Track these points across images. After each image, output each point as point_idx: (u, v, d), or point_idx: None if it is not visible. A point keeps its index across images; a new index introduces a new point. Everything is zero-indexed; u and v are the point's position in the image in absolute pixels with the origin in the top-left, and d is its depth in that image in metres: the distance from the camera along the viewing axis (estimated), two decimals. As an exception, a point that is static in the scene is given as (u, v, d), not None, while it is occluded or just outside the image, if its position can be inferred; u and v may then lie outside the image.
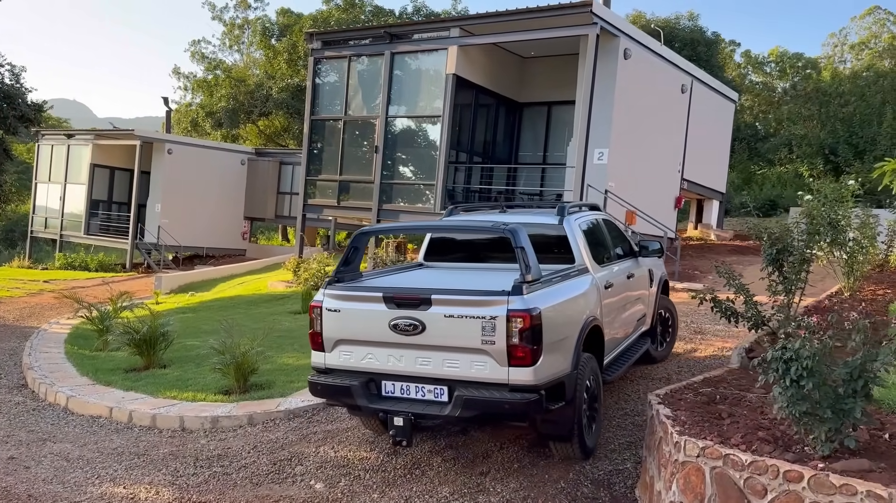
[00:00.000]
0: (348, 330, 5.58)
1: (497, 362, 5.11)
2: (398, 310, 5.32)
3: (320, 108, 18.93)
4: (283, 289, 18.15)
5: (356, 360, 5.56)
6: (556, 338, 5.32)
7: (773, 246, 7.19)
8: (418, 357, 5.35)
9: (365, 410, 5.65)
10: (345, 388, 5.52)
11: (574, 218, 6.92)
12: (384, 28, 17.18)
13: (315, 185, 18.95)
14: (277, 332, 11.59)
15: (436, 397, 5.35)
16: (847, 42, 45.28)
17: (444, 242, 7.49)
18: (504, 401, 5.10)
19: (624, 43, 15.43)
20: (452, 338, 5.21)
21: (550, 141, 18.79)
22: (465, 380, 5.23)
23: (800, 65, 41.47)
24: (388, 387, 5.50)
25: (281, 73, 37.23)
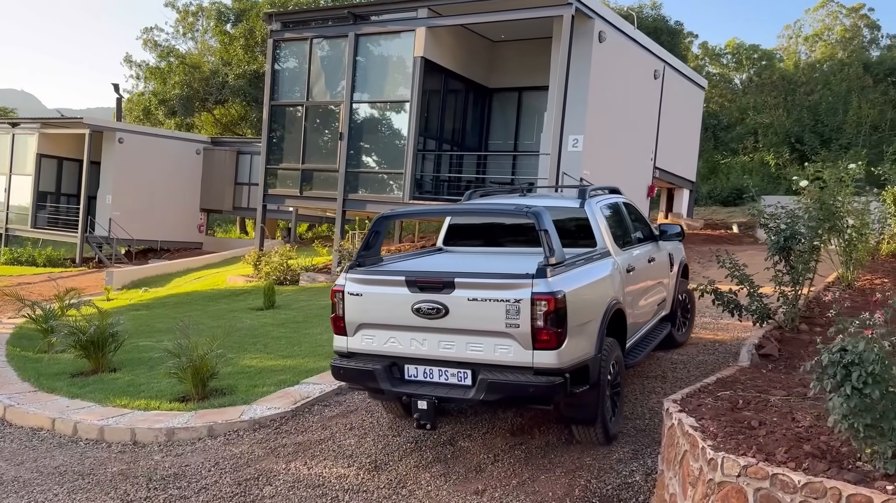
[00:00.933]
0: (371, 314, 5.54)
1: (521, 345, 5.06)
2: (421, 294, 5.27)
3: (280, 93, 18.03)
4: (243, 283, 17.27)
5: (379, 344, 5.52)
6: (581, 321, 5.26)
7: (779, 233, 6.69)
8: (441, 340, 5.30)
9: (388, 394, 5.61)
10: (368, 372, 5.49)
11: (595, 201, 6.80)
12: (348, 8, 16.35)
13: (276, 174, 18.06)
14: (238, 331, 10.77)
15: (459, 381, 5.31)
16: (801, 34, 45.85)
17: (463, 227, 7.37)
18: (529, 385, 5.05)
19: (598, 25, 14.87)
20: (476, 321, 5.15)
21: (521, 128, 18.19)
22: (489, 363, 5.18)
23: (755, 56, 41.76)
24: (410, 371, 5.45)
25: (237, 60, 35.98)
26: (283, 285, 16.16)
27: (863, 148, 24.73)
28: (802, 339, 6.55)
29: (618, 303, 5.97)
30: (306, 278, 16.38)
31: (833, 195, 7.22)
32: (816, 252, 6.78)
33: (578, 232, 6.52)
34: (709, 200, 27.08)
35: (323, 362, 8.64)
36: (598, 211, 6.68)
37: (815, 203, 6.96)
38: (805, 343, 6.49)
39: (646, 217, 8.41)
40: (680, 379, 7.45)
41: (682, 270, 8.55)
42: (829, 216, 6.95)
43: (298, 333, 10.60)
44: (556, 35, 14.89)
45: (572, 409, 5.56)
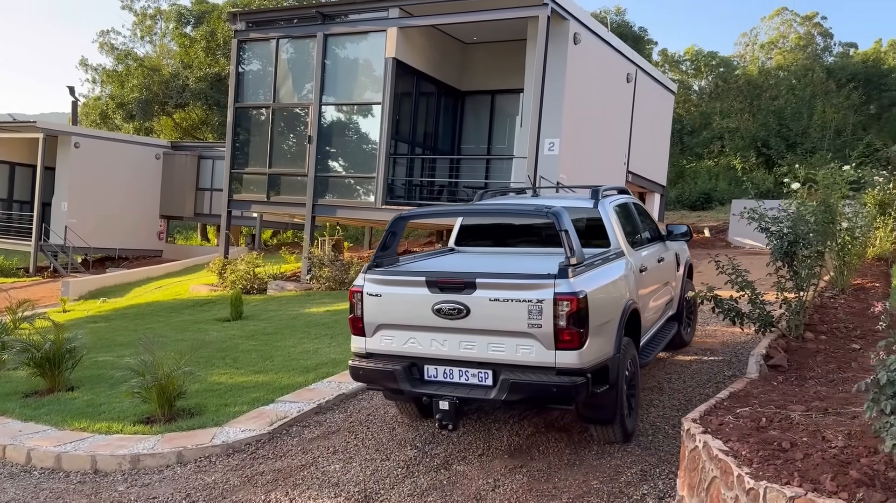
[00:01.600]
0: (390, 314, 5.51)
1: (544, 345, 5.05)
2: (442, 295, 5.26)
3: (246, 94, 17.41)
4: (207, 293, 16.59)
5: (398, 345, 5.50)
6: (601, 321, 5.26)
7: (783, 238, 6.40)
8: (462, 341, 5.28)
9: (408, 395, 5.59)
10: (388, 373, 5.45)
11: (608, 201, 6.79)
12: (316, 8, 15.83)
13: (241, 179, 17.42)
14: (205, 344, 10.21)
15: (480, 381, 5.28)
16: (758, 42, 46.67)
17: (474, 227, 7.33)
18: (552, 385, 5.04)
19: (573, 27, 14.60)
20: (498, 321, 5.14)
21: (494, 131, 17.85)
22: (511, 363, 5.17)
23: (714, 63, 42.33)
24: (430, 372, 5.44)
25: (198, 62, 35.09)
26: (249, 294, 15.54)
27: (828, 152, 24.93)
28: (809, 349, 6.27)
29: (634, 302, 5.97)
30: (274, 287, 15.79)
31: (836, 198, 6.97)
32: (821, 257, 6.52)
33: (592, 232, 6.46)
34: (677, 205, 27.08)
35: (298, 377, 8.14)
36: (611, 211, 6.64)
37: (819, 206, 6.68)
38: (812, 352, 6.20)
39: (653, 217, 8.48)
40: (678, 390, 7.13)
41: (687, 270, 8.60)
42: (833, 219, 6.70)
43: (270, 346, 10.05)
44: (531, 36, 14.59)
45: (592, 410, 5.53)
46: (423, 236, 22.58)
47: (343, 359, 8.80)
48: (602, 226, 6.48)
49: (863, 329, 6.90)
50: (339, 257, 15.79)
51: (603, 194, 6.78)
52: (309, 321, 11.65)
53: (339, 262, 15.27)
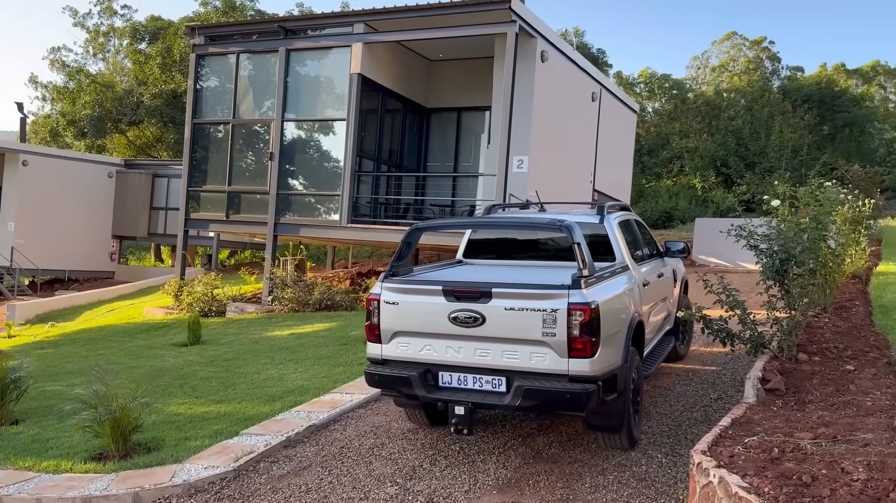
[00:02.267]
0: (406, 322, 5.69)
1: (557, 353, 5.21)
2: (458, 303, 5.43)
3: (204, 110, 16.86)
4: (163, 316, 15.89)
5: (414, 351, 5.67)
6: (611, 331, 5.41)
7: (774, 256, 6.19)
8: (477, 348, 5.45)
9: (423, 400, 5.75)
10: (404, 379, 5.60)
11: (613, 217, 6.98)
12: (278, 22, 15.42)
13: (198, 197, 16.80)
14: (162, 372, 9.63)
15: (493, 388, 5.43)
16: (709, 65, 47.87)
17: (481, 241, 7.53)
18: (565, 391, 5.18)
19: (541, 45, 14.48)
20: (512, 330, 5.31)
21: (461, 149, 17.61)
22: (524, 370, 5.32)
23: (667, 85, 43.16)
24: (444, 378, 5.58)
25: (154, 79, 34.21)
26: (207, 317, 14.90)
27: (786, 171, 25.31)
28: (804, 371, 6.05)
29: (639, 315, 6.16)
30: (234, 309, 15.19)
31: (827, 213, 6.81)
32: (814, 275, 6.34)
33: (598, 246, 6.50)
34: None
35: (264, 407, 7.65)
36: (615, 226, 6.83)
37: (812, 223, 6.50)
38: (808, 375, 5.98)
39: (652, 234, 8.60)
40: (665, 415, 6.85)
41: (683, 286, 8.84)
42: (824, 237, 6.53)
43: (231, 373, 9.51)
44: (499, 53, 14.41)
45: (599, 418, 5.65)
46: (387, 255, 22.15)
47: (311, 385, 8.35)
48: (607, 241, 6.64)
49: (853, 349, 6.73)
50: (303, 277, 15.28)
51: (608, 210, 6.96)
52: (272, 345, 11.14)
53: (302, 283, 14.75)
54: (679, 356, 8.59)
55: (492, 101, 15.27)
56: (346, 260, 22.67)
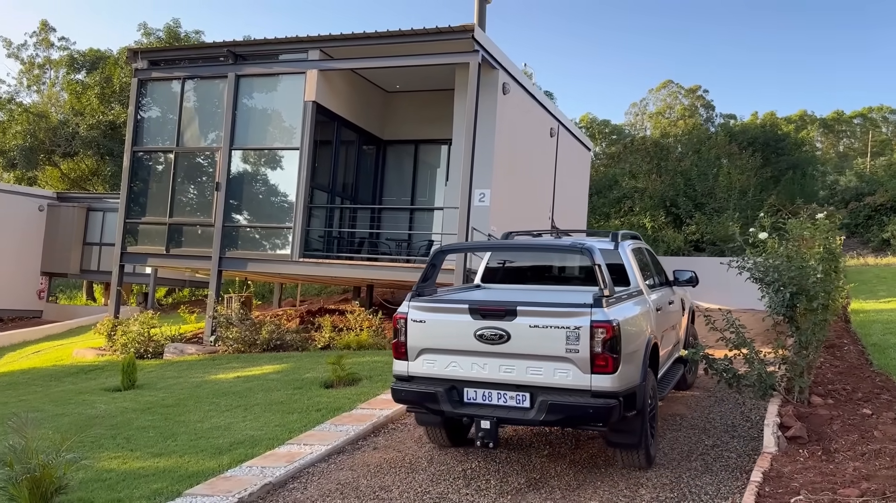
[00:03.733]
0: (433, 339, 5.90)
1: (580, 369, 5.40)
2: (484, 321, 5.65)
3: (146, 138, 15.86)
4: (94, 358, 14.64)
5: (440, 368, 5.87)
6: (630, 349, 5.60)
7: (782, 290, 5.69)
8: (502, 365, 5.65)
9: (449, 415, 5.94)
10: (431, 395, 5.82)
11: (626, 244, 7.18)
12: (227, 46, 14.66)
13: (136, 230, 15.70)
14: (92, 421, 8.58)
15: (517, 403, 5.63)
16: (646, 111, 49.20)
17: (496, 268, 7.81)
18: (588, 406, 5.37)
19: (502, 77, 14.10)
20: (537, 347, 5.52)
21: (418, 182, 17.02)
22: (548, 386, 5.53)
23: (607, 130, 44.01)
24: (469, 394, 5.79)
25: (91, 110, 32.79)
26: (144, 359, 13.76)
27: (735, 211, 25.55)
28: (821, 415, 5.54)
29: (655, 337, 6.33)
30: (172, 350, 14.07)
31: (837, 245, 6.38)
32: (826, 310, 5.86)
33: (612, 272, 6.46)
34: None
35: (209, 461, 6.73)
36: (629, 253, 7.04)
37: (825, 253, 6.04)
38: (826, 420, 5.47)
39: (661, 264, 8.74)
40: (662, 464, 6.24)
41: (690, 316, 9.00)
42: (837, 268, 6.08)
43: (170, 421, 8.51)
44: (460, 85, 13.96)
45: (620, 435, 5.79)
46: (338, 293, 21.25)
47: (263, 436, 7.45)
48: (622, 267, 6.79)
49: (863, 391, 6.28)
50: (249, 316, 14.30)
51: (622, 237, 7.16)
52: (216, 390, 10.14)
53: (248, 321, 13.77)
54: (687, 384, 8.75)
55: (451, 133, 14.80)
56: (293, 297, 21.65)
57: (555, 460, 6.52)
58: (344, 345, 12.72)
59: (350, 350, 12.36)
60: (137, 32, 35.37)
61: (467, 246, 8.94)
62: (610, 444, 6.00)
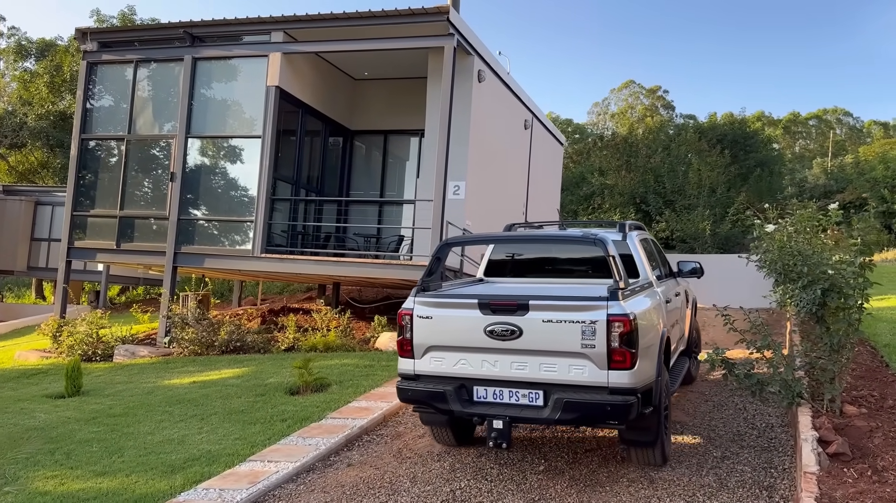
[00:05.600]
0: (441, 336, 5.65)
1: (597, 365, 5.18)
2: (494, 316, 5.40)
3: (95, 125, 14.80)
4: (37, 361, 13.58)
5: (448, 366, 5.62)
6: (647, 344, 5.39)
7: (811, 286, 5.10)
8: (514, 362, 5.41)
9: (458, 415, 5.68)
10: (439, 394, 5.56)
11: (634, 234, 7.01)
12: (184, 27, 13.68)
13: (85, 224, 14.64)
14: (29, 433, 7.67)
15: (530, 401, 5.40)
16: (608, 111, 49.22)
17: (501, 261, 7.53)
18: (606, 404, 5.13)
19: (478, 64, 13.42)
20: (551, 342, 5.28)
21: (387, 174, 16.25)
22: (562, 383, 5.28)
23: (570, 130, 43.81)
24: (479, 393, 5.54)
25: (40, 99, 31.28)
26: (91, 362, 12.78)
27: (705, 208, 25.28)
28: (859, 427, 4.96)
29: (667, 331, 6.15)
30: (123, 352, 13.08)
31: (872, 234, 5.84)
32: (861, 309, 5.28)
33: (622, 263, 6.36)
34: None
35: (160, 482, 5.91)
36: (638, 244, 6.85)
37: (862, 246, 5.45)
38: (865, 433, 4.89)
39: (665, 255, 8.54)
40: (672, 481, 5.60)
41: (693, 308, 8.78)
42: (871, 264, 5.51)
43: (118, 433, 7.64)
44: (434, 70, 13.24)
45: (636, 432, 5.58)
46: (301, 291, 20.34)
47: (221, 451, 6.64)
48: (631, 258, 6.54)
49: (893, 398, 5.72)
50: (206, 315, 13.38)
51: (629, 227, 6.99)
52: (170, 397, 9.26)
53: (206, 321, 12.86)
54: (692, 378, 8.61)
55: (422, 124, 14.05)
56: (254, 296, 20.69)
57: (553, 477, 5.85)
58: (310, 346, 11.90)
59: (316, 352, 11.56)
60: (90, 20, 33.75)
61: (474, 238, 8.50)
62: (625, 442, 5.77)
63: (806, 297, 5.22)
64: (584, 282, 6.75)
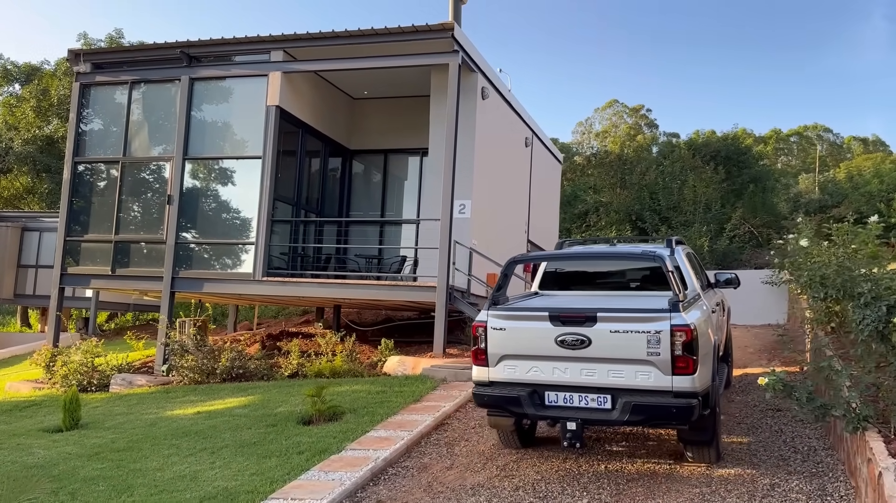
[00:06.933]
0: (514, 346, 6.11)
1: (661, 371, 5.60)
2: (564, 327, 5.86)
3: (89, 147, 14.42)
4: (30, 392, 13.09)
5: (521, 373, 6.07)
6: (705, 351, 5.80)
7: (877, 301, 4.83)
8: (583, 369, 5.85)
9: (531, 418, 6.37)
10: (514, 398, 6.04)
11: (681, 249, 7.55)
12: (181, 47, 13.39)
13: (78, 249, 14.22)
14: (28, 471, 7.23)
15: (599, 405, 5.81)
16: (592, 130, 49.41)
17: (555, 274, 7.88)
18: (672, 406, 5.57)
19: (481, 81, 13.23)
20: (618, 350, 5.70)
21: (388, 194, 15.96)
22: (629, 388, 5.71)
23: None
24: (550, 397, 5.99)
25: (26, 123, 30.82)
26: (87, 392, 12.31)
27: (701, 225, 25.12)
28: (932, 454, 4.65)
29: (718, 339, 6.72)
30: (120, 382, 12.63)
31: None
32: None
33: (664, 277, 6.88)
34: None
35: (177, 523, 5.50)
36: (685, 258, 7.39)
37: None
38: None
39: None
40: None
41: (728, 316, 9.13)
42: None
43: (124, 470, 7.21)
44: (437, 88, 13.05)
45: (695, 432, 6.01)
46: (297, 314, 19.92)
47: (239, 488, 6.24)
48: (680, 272, 6.85)
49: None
50: (206, 342, 12.95)
51: (676, 243, 7.44)
52: (175, 429, 8.84)
53: (206, 348, 12.43)
54: (729, 383, 9.02)
55: (422, 142, 13.90)
56: (249, 321, 20.25)
57: (595, 509, 5.51)
58: (315, 372, 11.50)
59: (324, 378, 11.16)
60: (77, 43, 33.34)
61: (540, 255, 8.92)
62: (685, 442, 6.20)
63: (870, 315, 4.97)
64: (637, 294, 7.17)
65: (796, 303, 13.47)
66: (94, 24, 76.05)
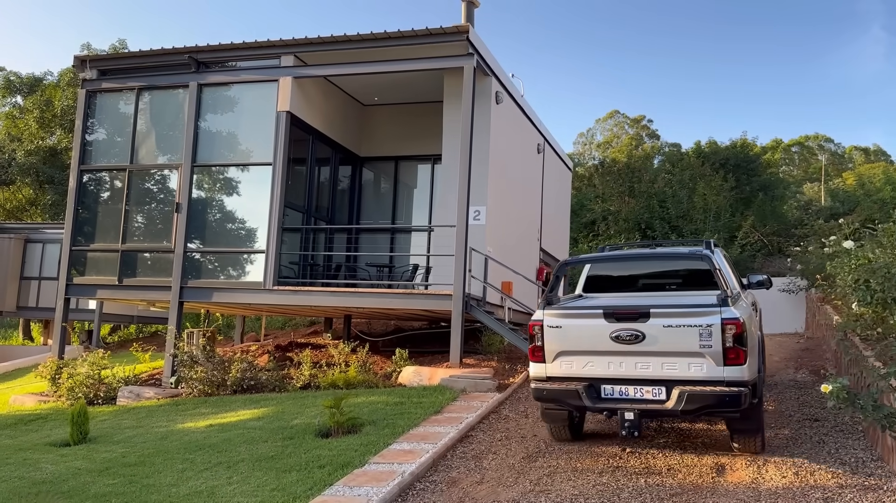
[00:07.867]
0: (570, 342, 6.50)
1: (714, 363, 5.98)
2: (618, 324, 6.23)
3: (96, 155, 14.16)
4: (35, 405, 12.78)
5: (577, 368, 6.45)
6: (752, 344, 6.14)
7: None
8: (638, 362, 6.23)
9: (589, 410, 6.58)
10: (573, 392, 6.40)
11: (719, 250, 7.86)
12: (189, 52, 13.15)
13: (84, 259, 13.93)
14: (37, 487, 6.92)
15: (654, 396, 6.18)
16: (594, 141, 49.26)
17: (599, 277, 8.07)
18: (725, 395, 5.92)
19: (495, 85, 12.99)
20: (671, 344, 6.09)
21: (399, 201, 15.68)
22: (683, 379, 6.08)
23: None
24: (607, 390, 6.35)
25: (29, 134, 30.62)
26: (94, 405, 12.00)
27: (713, 233, 24.83)
28: None
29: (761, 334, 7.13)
30: (127, 394, 12.31)
31: None
32: None
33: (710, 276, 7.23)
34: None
35: (197, 543, 5.18)
36: (722, 259, 7.66)
37: None
38: None
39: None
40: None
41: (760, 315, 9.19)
42: None
43: (137, 485, 6.89)
44: (451, 93, 12.81)
45: (743, 422, 6.27)
46: (304, 325, 19.59)
47: (261, 504, 5.91)
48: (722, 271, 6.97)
49: None
50: (215, 353, 12.63)
51: (713, 245, 7.70)
52: (187, 442, 8.52)
53: (216, 360, 12.12)
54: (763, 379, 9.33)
55: (434, 149, 13.66)
56: (256, 331, 19.93)
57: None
58: (329, 383, 11.18)
59: (338, 389, 10.85)
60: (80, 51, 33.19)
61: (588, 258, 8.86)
62: (733, 431, 6.43)
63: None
64: (681, 294, 7.41)
65: (818, 310, 13.16)
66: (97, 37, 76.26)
